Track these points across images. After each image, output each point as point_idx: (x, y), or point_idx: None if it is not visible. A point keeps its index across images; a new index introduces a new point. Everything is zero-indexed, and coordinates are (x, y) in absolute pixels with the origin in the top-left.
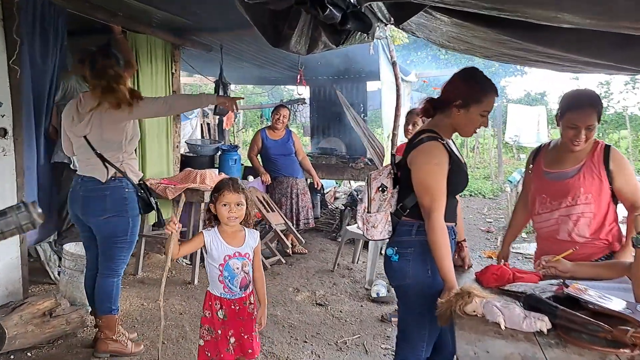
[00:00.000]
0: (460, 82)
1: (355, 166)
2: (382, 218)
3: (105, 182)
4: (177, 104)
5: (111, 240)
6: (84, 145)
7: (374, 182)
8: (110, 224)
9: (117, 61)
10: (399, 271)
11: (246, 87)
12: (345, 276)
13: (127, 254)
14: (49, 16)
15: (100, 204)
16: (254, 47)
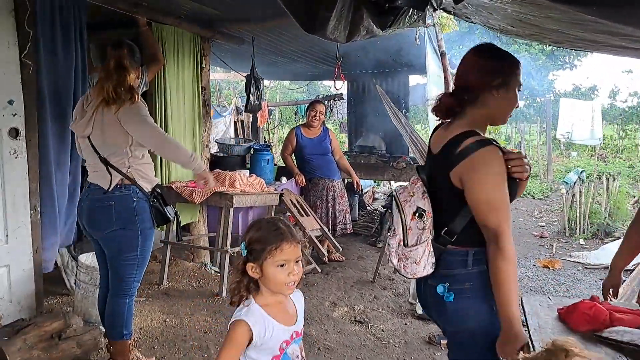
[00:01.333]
0: (487, 59)
1: (396, 166)
2: (425, 250)
3: (110, 191)
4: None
5: (119, 256)
6: (89, 147)
7: (406, 207)
8: (117, 238)
9: (131, 53)
10: (456, 313)
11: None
12: (387, 288)
13: (139, 272)
14: (67, 7)
15: (106, 215)
16: (287, 39)
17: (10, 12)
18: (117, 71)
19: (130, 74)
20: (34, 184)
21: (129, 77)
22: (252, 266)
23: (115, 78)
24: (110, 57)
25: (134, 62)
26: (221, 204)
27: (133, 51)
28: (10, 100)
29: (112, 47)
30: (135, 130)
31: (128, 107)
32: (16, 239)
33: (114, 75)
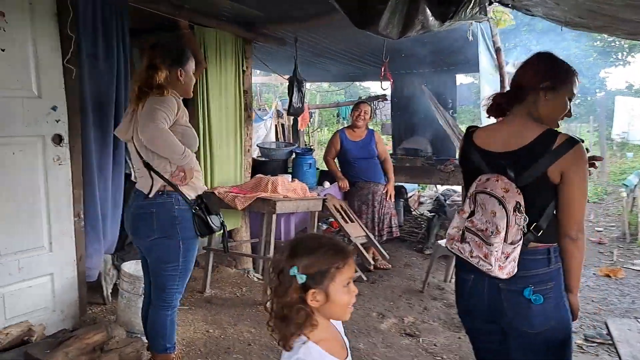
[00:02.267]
0: (541, 63)
1: (444, 169)
2: (517, 248)
3: (151, 197)
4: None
5: (160, 266)
6: (134, 151)
7: (507, 202)
8: (157, 247)
9: (165, 52)
10: (542, 315)
11: (321, 86)
12: (437, 298)
13: (181, 284)
14: (109, 10)
15: (147, 223)
16: (330, 38)
17: (53, 17)
18: (147, 70)
19: (160, 72)
20: (77, 191)
21: (158, 75)
22: (315, 292)
23: (144, 77)
24: (144, 56)
25: (167, 61)
26: (263, 209)
27: (168, 51)
28: (54, 107)
29: (150, 47)
30: (140, 118)
31: (153, 99)
32: (60, 247)
33: (143, 74)
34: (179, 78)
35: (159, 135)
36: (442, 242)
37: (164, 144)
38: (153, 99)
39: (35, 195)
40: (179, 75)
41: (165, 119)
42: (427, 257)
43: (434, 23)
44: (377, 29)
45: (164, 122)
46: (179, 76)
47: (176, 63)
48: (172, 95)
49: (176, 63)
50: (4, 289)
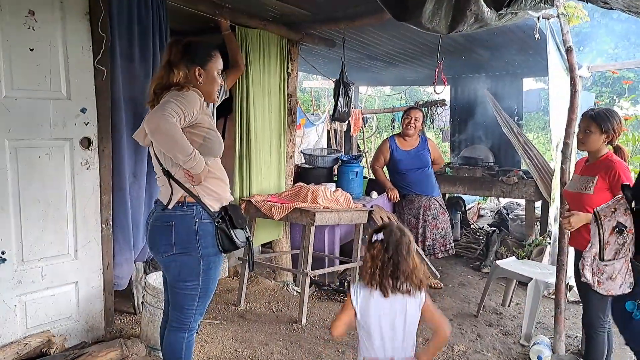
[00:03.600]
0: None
1: (507, 180)
2: (622, 267)
3: (170, 208)
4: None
5: (178, 285)
6: (154, 156)
7: (605, 221)
8: (176, 263)
9: (187, 50)
10: None
11: (381, 90)
12: (493, 324)
13: (201, 304)
14: (145, 10)
15: (165, 236)
16: (381, 39)
17: (85, 15)
18: (164, 68)
19: (177, 70)
20: (106, 197)
21: (175, 74)
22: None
23: (160, 75)
24: (164, 53)
25: (185, 59)
26: (302, 221)
27: (187, 48)
28: (83, 109)
29: (170, 44)
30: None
31: (172, 92)
32: (86, 255)
33: (161, 72)
34: (197, 78)
35: (163, 127)
36: (502, 262)
37: (168, 139)
38: (171, 92)
39: (61, 200)
40: (198, 74)
41: (178, 113)
42: (484, 276)
43: (490, 15)
44: (421, 22)
45: (176, 115)
46: (197, 76)
47: (195, 61)
48: (194, 91)
49: (195, 61)
50: (26, 297)
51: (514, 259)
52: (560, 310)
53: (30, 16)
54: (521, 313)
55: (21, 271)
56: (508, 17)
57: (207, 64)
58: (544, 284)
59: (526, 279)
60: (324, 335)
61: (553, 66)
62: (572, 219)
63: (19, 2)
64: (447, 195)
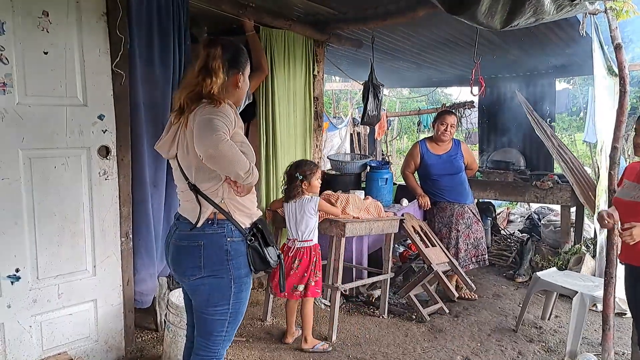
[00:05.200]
0: None
1: (540, 185)
2: None
3: (199, 227)
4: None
5: (207, 310)
6: (177, 170)
7: None
8: (204, 287)
9: (226, 53)
10: None
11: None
12: (534, 340)
13: (231, 329)
14: (166, 11)
15: (192, 258)
16: (412, 39)
17: (102, 16)
18: (199, 74)
19: (215, 77)
20: (125, 209)
21: (212, 81)
22: None
23: (194, 82)
24: (197, 57)
25: (225, 64)
26: (331, 232)
27: (227, 51)
28: (101, 115)
29: (204, 45)
30: (195, 128)
31: (205, 108)
32: (104, 270)
33: (194, 79)
34: (236, 85)
35: (223, 149)
36: (543, 274)
37: (228, 160)
38: (206, 108)
39: (78, 213)
40: (238, 81)
41: (225, 131)
42: (519, 286)
43: (549, 8)
44: (476, 15)
45: (227, 134)
46: (237, 82)
47: (236, 66)
48: (229, 106)
49: (236, 66)
50: (42, 317)
51: (555, 270)
52: (609, 326)
53: (44, 17)
54: (562, 327)
55: (36, 289)
56: (566, 10)
57: (246, 69)
58: (590, 298)
59: (570, 292)
60: (356, 354)
61: (597, 65)
62: (634, 231)
63: (32, 2)
64: (476, 201)
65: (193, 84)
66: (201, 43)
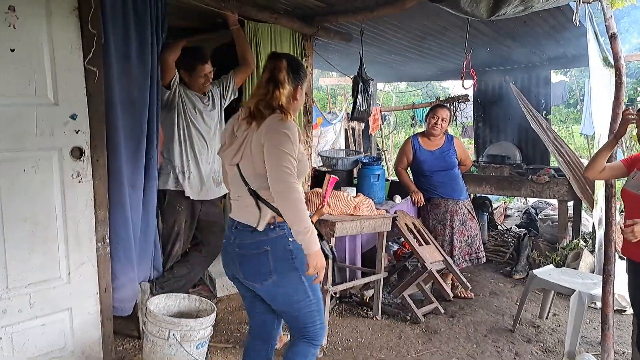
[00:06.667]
0: None
1: (537, 179)
2: None
3: (262, 232)
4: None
5: (293, 307)
6: (237, 177)
7: None
8: (280, 288)
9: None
10: None
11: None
12: (532, 340)
13: (320, 317)
14: (142, 3)
15: (262, 263)
16: (402, 31)
17: (73, 11)
18: (266, 85)
19: (283, 89)
20: (101, 212)
21: (281, 92)
22: None
23: (262, 92)
24: (265, 69)
25: (290, 76)
26: (321, 231)
27: (294, 64)
28: (73, 115)
29: (269, 57)
30: (267, 150)
31: (274, 122)
32: (80, 277)
33: (262, 89)
34: (296, 97)
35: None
36: (540, 271)
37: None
38: (276, 122)
39: (50, 218)
40: (297, 93)
41: (294, 163)
42: (517, 283)
43: None
44: (458, 3)
45: (294, 171)
46: (297, 95)
47: (297, 79)
48: (294, 123)
49: (297, 79)
50: (13, 328)
51: (552, 267)
52: (608, 326)
53: (11, 12)
54: (560, 325)
55: (6, 299)
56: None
57: (305, 82)
58: (588, 297)
59: (568, 291)
60: (347, 359)
61: (592, 55)
62: (636, 228)
63: None
64: (471, 196)
65: (262, 94)
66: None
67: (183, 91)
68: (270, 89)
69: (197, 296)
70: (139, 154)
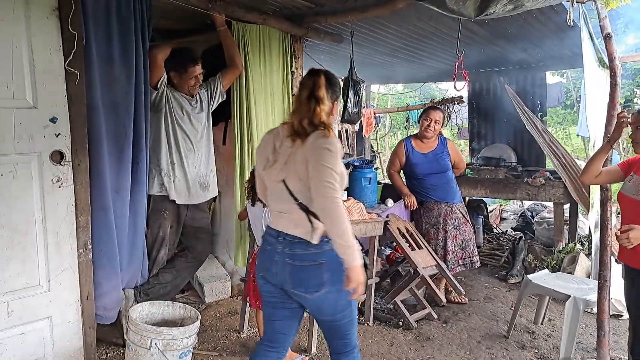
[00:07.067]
0: None
1: (532, 182)
2: None
3: (317, 245)
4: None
5: (337, 317)
6: (283, 192)
7: None
8: (330, 300)
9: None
10: None
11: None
12: (526, 346)
13: (355, 324)
14: (126, 3)
15: (316, 275)
16: (393, 34)
17: (53, 11)
18: (308, 102)
19: (323, 105)
20: (83, 217)
21: (321, 108)
22: None
23: (305, 110)
24: (304, 86)
25: (329, 92)
26: None
27: (332, 80)
28: (53, 118)
29: (309, 74)
30: (311, 166)
31: (318, 138)
32: (60, 285)
33: (304, 106)
34: (333, 113)
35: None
36: (534, 276)
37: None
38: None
39: (29, 224)
40: (334, 109)
41: (338, 181)
42: (512, 288)
43: None
44: (444, 2)
45: (340, 190)
46: (333, 111)
47: (334, 94)
48: (336, 138)
49: (334, 94)
50: None
51: (547, 272)
52: (604, 332)
53: None
54: (556, 331)
55: None
56: None
57: (340, 97)
58: (583, 302)
59: (563, 297)
60: None
61: (587, 56)
62: (631, 234)
63: None
64: (466, 199)
65: (304, 111)
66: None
67: (171, 93)
68: (312, 107)
69: (181, 304)
70: (124, 157)
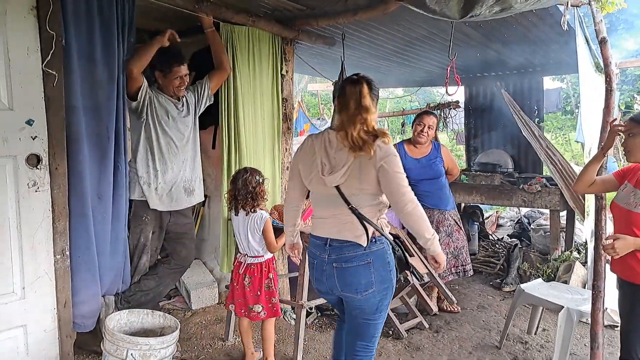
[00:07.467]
0: None
1: (528, 189)
2: None
3: (365, 246)
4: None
5: (370, 317)
6: (336, 197)
7: None
8: (375, 299)
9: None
10: None
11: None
12: (519, 358)
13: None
14: (108, 3)
15: (364, 275)
16: (386, 36)
17: (31, 10)
18: (357, 112)
19: (371, 114)
20: (61, 223)
21: (371, 117)
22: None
23: (359, 120)
24: (349, 96)
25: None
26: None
27: (373, 86)
28: (29, 121)
29: (350, 83)
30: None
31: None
32: (36, 292)
33: (355, 117)
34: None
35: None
36: (528, 286)
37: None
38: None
39: (3, 229)
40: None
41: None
42: (506, 296)
43: None
44: (424, 2)
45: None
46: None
47: (376, 100)
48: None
49: (376, 100)
50: None
51: (541, 282)
52: (598, 344)
53: None
54: (549, 342)
55: None
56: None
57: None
58: (577, 313)
59: (556, 307)
60: None
61: (583, 61)
62: (617, 244)
63: None
64: (462, 205)
65: (357, 122)
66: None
67: (155, 97)
68: (363, 116)
69: (161, 312)
70: (106, 162)
